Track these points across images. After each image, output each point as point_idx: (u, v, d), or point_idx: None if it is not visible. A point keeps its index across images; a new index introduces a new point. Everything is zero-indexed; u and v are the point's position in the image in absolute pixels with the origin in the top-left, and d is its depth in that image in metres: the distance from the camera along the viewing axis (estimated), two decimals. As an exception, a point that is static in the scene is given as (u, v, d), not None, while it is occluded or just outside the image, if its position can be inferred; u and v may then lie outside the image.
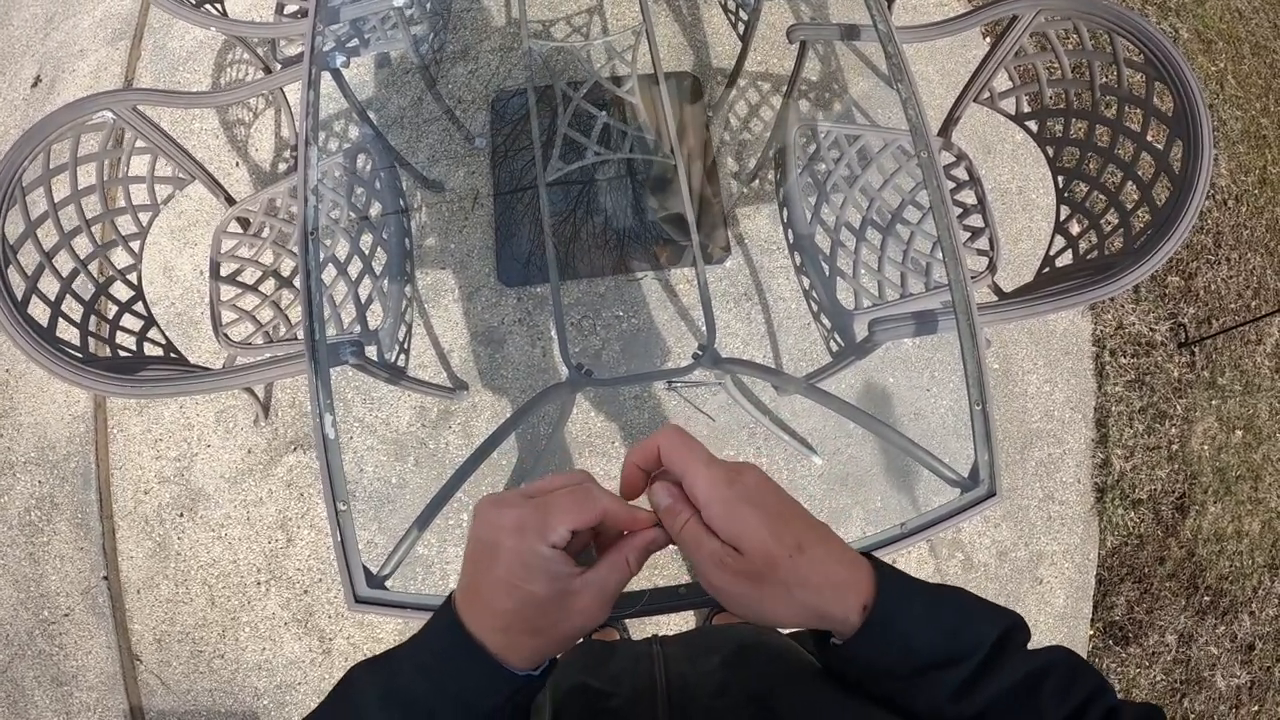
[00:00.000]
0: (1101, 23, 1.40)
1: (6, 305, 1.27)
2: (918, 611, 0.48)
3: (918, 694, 0.47)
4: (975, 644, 0.47)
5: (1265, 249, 2.33)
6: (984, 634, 0.48)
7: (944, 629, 0.48)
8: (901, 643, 0.47)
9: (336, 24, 1.52)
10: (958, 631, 0.48)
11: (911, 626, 0.47)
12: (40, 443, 2.09)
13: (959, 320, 1.14)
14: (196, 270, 2.19)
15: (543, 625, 0.47)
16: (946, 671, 0.46)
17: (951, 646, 0.47)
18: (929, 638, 0.47)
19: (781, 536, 0.47)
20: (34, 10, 2.61)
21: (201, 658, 1.93)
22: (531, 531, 0.47)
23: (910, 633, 0.47)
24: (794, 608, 0.47)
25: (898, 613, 0.47)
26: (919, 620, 0.48)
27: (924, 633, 0.47)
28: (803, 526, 0.49)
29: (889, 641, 0.47)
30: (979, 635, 0.48)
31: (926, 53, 2.37)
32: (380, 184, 1.72)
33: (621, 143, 1.61)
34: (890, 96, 2.28)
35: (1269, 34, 2.66)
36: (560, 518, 0.48)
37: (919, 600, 0.49)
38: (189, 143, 2.31)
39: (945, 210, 1.18)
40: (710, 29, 2.41)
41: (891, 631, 0.47)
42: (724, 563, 0.47)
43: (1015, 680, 0.46)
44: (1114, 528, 2.03)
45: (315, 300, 1.14)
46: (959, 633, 0.48)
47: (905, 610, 0.48)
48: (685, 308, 2.09)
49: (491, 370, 2.05)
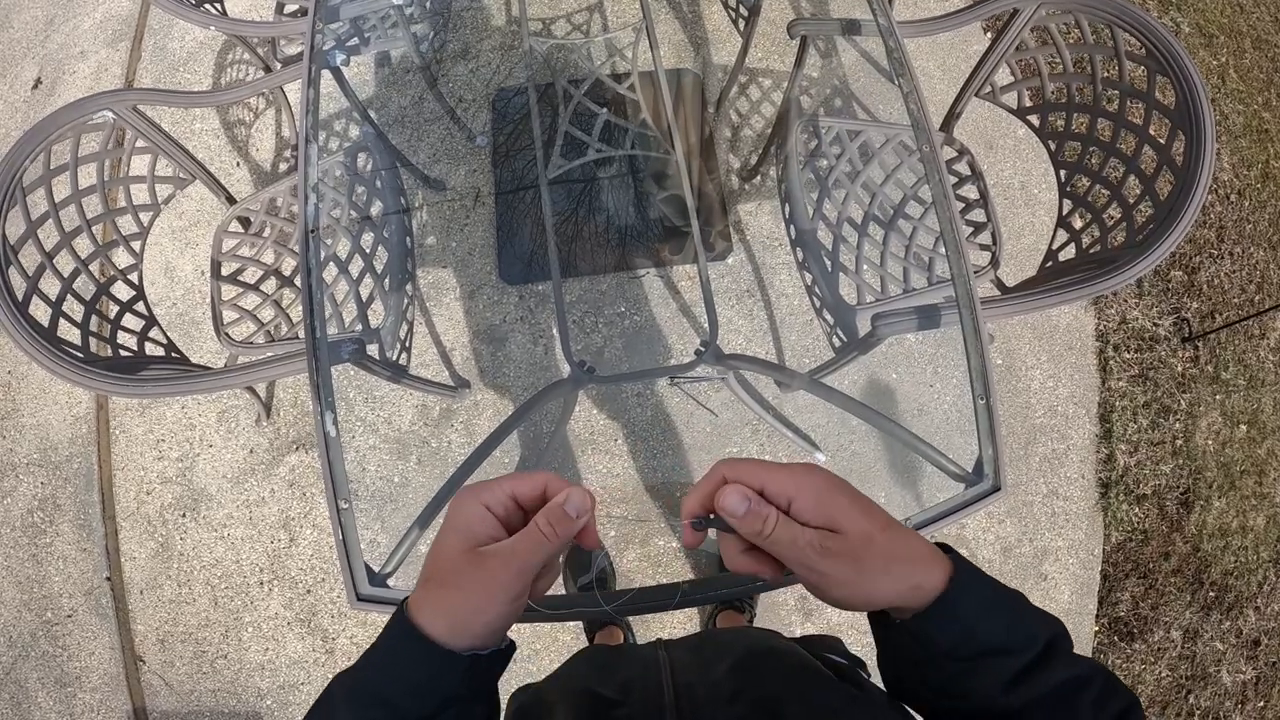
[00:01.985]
0: (1102, 16, 1.40)
1: (8, 305, 1.26)
2: (987, 596, 0.50)
3: (974, 679, 0.49)
4: (1030, 640, 0.49)
5: (1268, 243, 2.33)
6: (1037, 633, 0.50)
7: (1005, 620, 0.50)
8: (968, 624, 0.49)
9: (336, 22, 1.52)
10: (1016, 625, 0.50)
11: (980, 610, 0.50)
12: (43, 444, 2.09)
13: (962, 314, 1.13)
14: (198, 270, 2.19)
15: (453, 581, 0.50)
16: (1002, 660, 0.48)
17: (1009, 638, 0.49)
18: (992, 625, 0.49)
19: (872, 514, 0.50)
20: (34, 13, 2.61)
21: (204, 658, 1.93)
22: (469, 493, 0.51)
23: (977, 616, 0.49)
24: (892, 580, 0.49)
25: (970, 594, 0.50)
26: (986, 605, 0.50)
27: (988, 619, 0.50)
28: (880, 508, 0.52)
29: (958, 620, 0.49)
30: (1033, 632, 0.50)
31: (928, 48, 2.36)
32: (381, 183, 1.71)
33: (623, 140, 1.61)
34: (891, 91, 2.27)
35: (1270, 28, 2.65)
36: (502, 481, 0.52)
37: (988, 587, 0.51)
38: (190, 143, 2.31)
39: (948, 204, 1.17)
40: (711, 25, 2.40)
41: (962, 610, 0.49)
42: (826, 548, 0.49)
43: (1060, 681, 0.48)
44: (1118, 523, 2.03)
45: (316, 298, 1.14)
46: (1017, 626, 0.50)
47: (977, 593, 0.50)
48: (687, 304, 2.08)
49: (494, 368, 2.05)
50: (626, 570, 1.92)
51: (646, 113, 1.63)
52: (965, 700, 0.50)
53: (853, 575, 0.49)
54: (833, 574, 0.49)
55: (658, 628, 1.90)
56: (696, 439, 1.99)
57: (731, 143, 2.27)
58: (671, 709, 0.61)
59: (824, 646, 0.79)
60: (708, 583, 1.32)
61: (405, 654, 0.50)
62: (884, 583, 0.49)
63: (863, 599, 0.50)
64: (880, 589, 0.49)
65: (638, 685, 0.65)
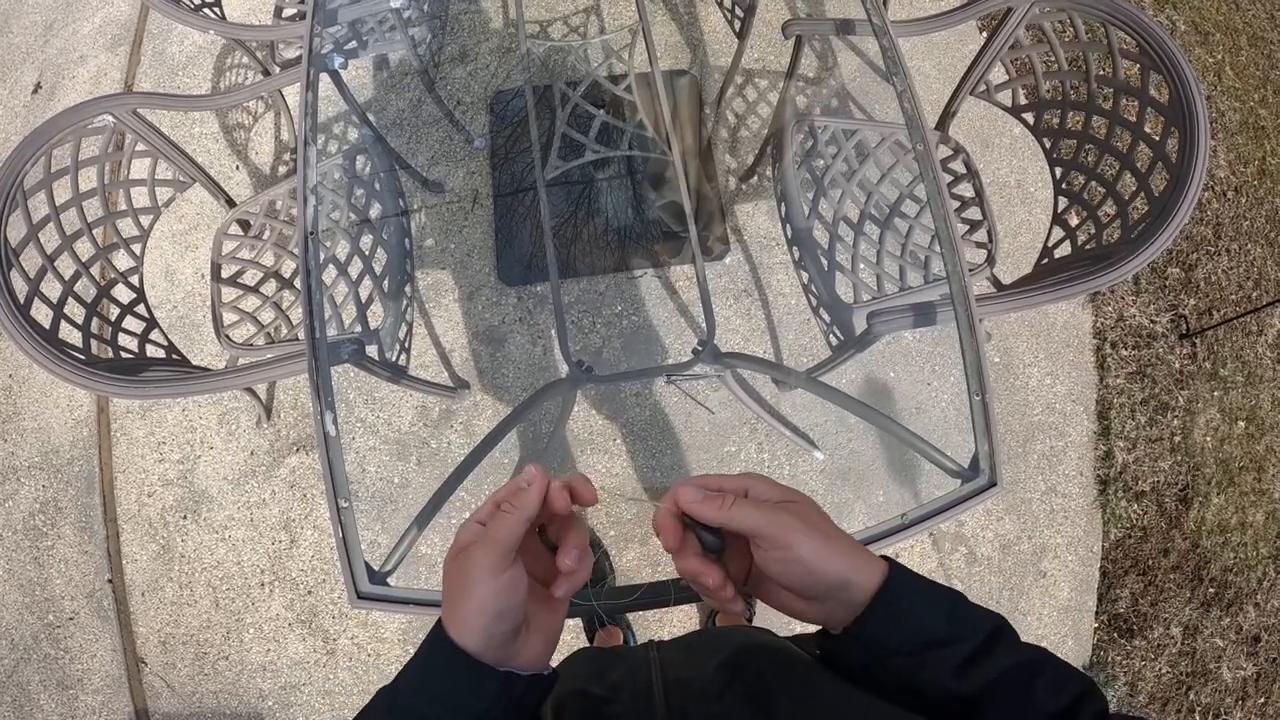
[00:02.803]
0: (1096, 14, 1.41)
1: (9, 308, 1.27)
2: (924, 590, 0.53)
3: (923, 670, 0.51)
4: (973, 629, 0.52)
5: (1265, 240, 2.33)
6: (980, 622, 0.52)
7: (945, 612, 0.52)
8: (908, 620, 0.51)
9: (334, 26, 1.52)
10: (956, 616, 0.52)
11: (918, 605, 0.52)
12: (44, 447, 2.10)
13: (957, 311, 1.14)
14: (198, 273, 2.20)
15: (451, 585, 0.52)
16: (948, 649, 0.50)
17: (952, 629, 0.51)
18: (933, 618, 0.52)
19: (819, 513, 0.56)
20: (34, 18, 2.63)
21: (206, 660, 1.93)
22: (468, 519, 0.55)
23: (916, 611, 0.52)
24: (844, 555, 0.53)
25: (907, 592, 0.52)
26: (924, 601, 0.52)
27: (928, 613, 0.52)
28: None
29: (898, 617, 0.52)
30: (976, 622, 0.52)
31: (923, 47, 2.37)
32: (380, 185, 1.72)
33: (620, 141, 1.62)
34: (887, 91, 2.28)
35: (1266, 25, 2.66)
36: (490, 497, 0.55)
37: (923, 585, 0.54)
38: (189, 146, 2.31)
39: (942, 201, 1.18)
40: (707, 26, 2.41)
41: (900, 608, 0.52)
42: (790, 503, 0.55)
43: (1010, 665, 0.50)
44: (1117, 520, 2.03)
45: (316, 300, 1.14)
46: (957, 617, 0.52)
47: (912, 591, 0.53)
48: (685, 304, 2.09)
49: (493, 369, 2.06)
50: (626, 568, 1.93)
51: (643, 114, 1.64)
52: (920, 697, 0.51)
53: (817, 539, 0.52)
54: (799, 526, 0.52)
55: (657, 627, 1.90)
56: (695, 438, 1.99)
57: (728, 143, 2.28)
58: (661, 705, 0.62)
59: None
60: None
61: (436, 665, 0.51)
62: (839, 552, 0.52)
63: (821, 564, 0.52)
64: (837, 556, 0.52)
65: (628, 683, 0.66)
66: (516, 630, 0.52)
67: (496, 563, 0.50)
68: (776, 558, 0.52)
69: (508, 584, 0.50)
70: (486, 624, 0.50)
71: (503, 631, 0.51)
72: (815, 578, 0.52)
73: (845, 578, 0.52)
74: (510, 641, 0.52)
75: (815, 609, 0.55)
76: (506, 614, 0.50)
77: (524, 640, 0.53)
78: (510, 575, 0.51)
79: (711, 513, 0.55)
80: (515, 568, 0.51)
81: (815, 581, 0.52)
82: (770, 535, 0.52)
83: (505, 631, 0.51)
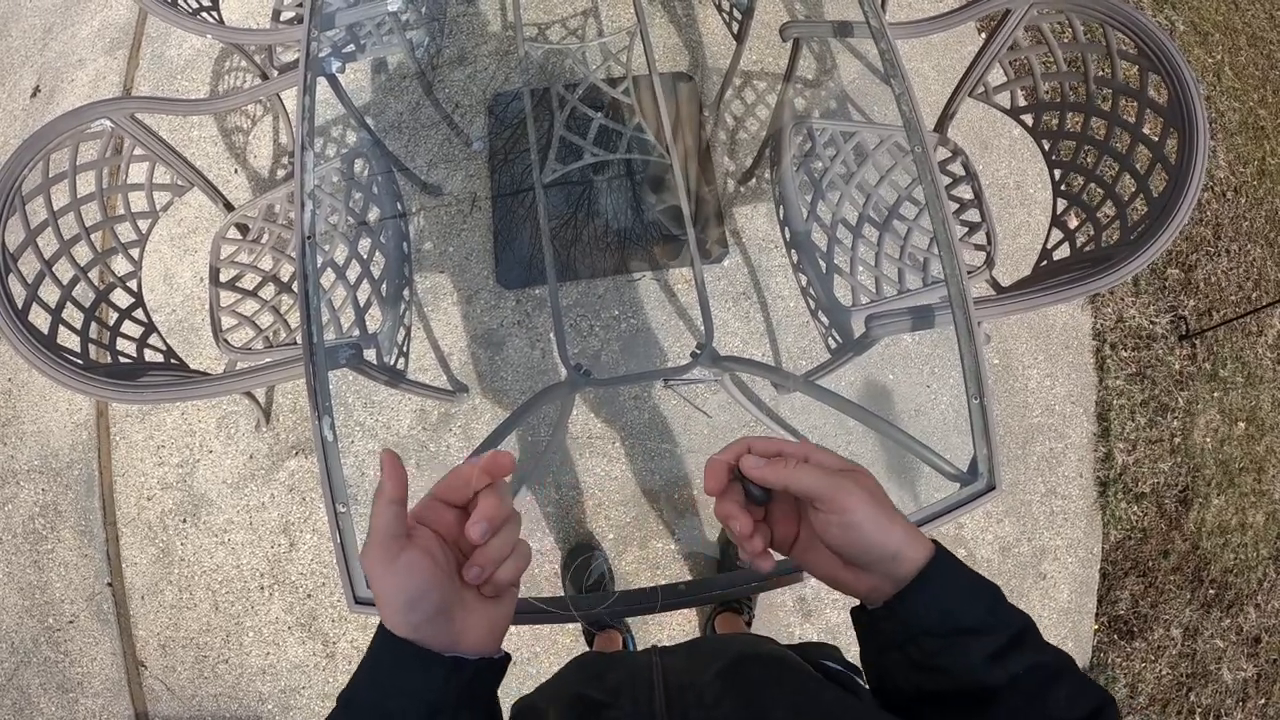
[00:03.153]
0: (1094, 15, 1.41)
1: (7, 313, 1.27)
2: (965, 579, 0.54)
3: (953, 655, 0.51)
4: (1006, 622, 0.53)
5: (1265, 240, 2.33)
6: (1012, 618, 0.53)
7: (983, 602, 0.53)
8: (948, 603, 0.53)
9: (332, 30, 1.52)
10: (993, 608, 0.53)
11: (958, 590, 0.53)
12: (43, 451, 2.10)
13: (955, 314, 1.14)
14: (196, 276, 2.20)
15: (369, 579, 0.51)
16: (981, 638, 0.51)
17: (987, 618, 0.52)
18: (971, 605, 0.53)
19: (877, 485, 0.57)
20: (32, 21, 2.63)
21: (206, 663, 1.93)
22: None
23: (956, 595, 0.53)
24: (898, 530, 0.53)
25: (950, 575, 0.54)
26: (965, 587, 0.54)
27: (967, 599, 0.53)
28: None
29: (938, 598, 0.53)
30: (1009, 616, 0.53)
31: (922, 49, 2.37)
32: (378, 188, 1.72)
33: (618, 143, 1.62)
34: (885, 92, 2.28)
35: (1265, 25, 2.65)
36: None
37: (966, 572, 0.54)
38: (188, 150, 2.32)
39: (940, 204, 1.18)
40: (705, 28, 2.41)
41: (942, 589, 0.53)
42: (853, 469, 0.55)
43: (1034, 663, 0.51)
44: (1117, 521, 2.03)
45: (313, 304, 1.14)
46: (993, 609, 0.53)
47: (956, 575, 0.54)
48: (684, 307, 2.09)
49: (491, 372, 2.06)
50: (625, 572, 1.93)
51: (641, 116, 1.64)
52: (946, 676, 0.52)
53: (875, 507, 0.53)
54: (860, 494, 0.53)
55: (657, 630, 1.90)
56: (693, 441, 1.99)
57: (727, 145, 2.27)
58: (662, 712, 0.62)
59: (820, 654, 0.80)
60: (700, 584, 1.32)
61: (384, 658, 0.51)
62: (895, 523, 0.53)
63: (877, 533, 0.53)
64: (893, 527, 0.53)
65: (628, 689, 0.66)
66: (443, 614, 0.51)
67: (380, 554, 0.50)
68: (835, 522, 0.53)
69: (403, 571, 0.50)
70: (400, 613, 0.50)
71: (422, 618, 0.50)
72: (869, 545, 0.53)
73: (897, 549, 0.53)
74: (444, 626, 0.51)
75: (860, 579, 0.56)
76: (417, 600, 0.50)
77: (462, 623, 0.52)
78: (404, 562, 0.50)
79: (774, 475, 0.55)
80: (409, 554, 0.50)
81: (868, 549, 0.53)
82: (831, 499, 0.53)
83: (426, 617, 0.50)
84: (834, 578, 0.58)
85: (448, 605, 0.51)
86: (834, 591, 1.95)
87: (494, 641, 0.55)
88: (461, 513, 0.54)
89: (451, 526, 0.54)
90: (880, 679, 0.58)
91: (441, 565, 0.52)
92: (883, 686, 0.58)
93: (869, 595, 0.56)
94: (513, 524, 0.55)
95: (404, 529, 0.51)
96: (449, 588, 0.52)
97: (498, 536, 0.53)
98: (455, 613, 0.52)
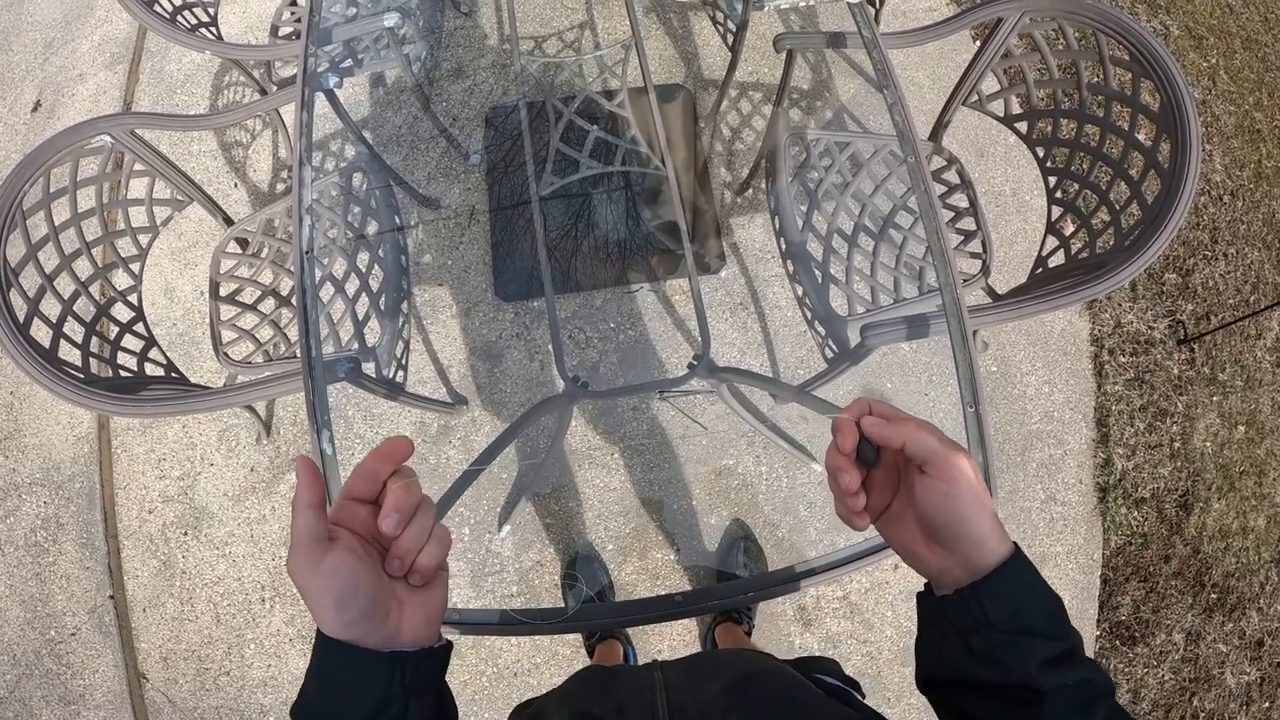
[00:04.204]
0: (1086, 22, 1.41)
1: (9, 327, 1.28)
2: (1038, 583, 0.55)
3: (1012, 651, 0.52)
4: (1065, 633, 0.54)
5: (1262, 243, 2.33)
6: (1071, 630, 0.55)
7: (1049, 609, 0.54)
8: (1018, 602, 0.54)
9: (330, 45, 1.54)
10: (1055, 616, 0.54)
11: (1029, 591, 0.55)
12: (45, 464, 2.11)
13: (950, 323, 1.14)
14: (196, 290, 2.21)
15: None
16: (1039, 642, 0.52)
17: (1049, 625, 0.53)
18: (1038, 608, 0.54)
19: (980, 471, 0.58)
20: (33, 35, 2.65)
21: (208, 675, 1.93)
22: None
23: (1027, 595, 0.54)
24: (986, 519, 0.55)
25: (1025, 575, 0.55)
26: (1035, 591, 0.55)
27: (1036, 602, 0.54)
28: None
29: (1012, 595, 0.54)
30: (1068, 628, 0.55)
31: (917, 58, 2.38)
32: (376, 202, 1.73)
33: (614, 156, 1.63)
34: (881, 101, 2.28)
35: (1260, 28, 2.66)
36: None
37: (1039, 578, 0.56)
38: (187, 164, 2.33)
39: (934, 214, 1.18)
40: (700, 40, 2.42)
41: (1015, 587, 0.54)
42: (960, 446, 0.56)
43: (1085, 677, 0.52)
44: (1117, 527, 2.03)
45: (312, 319, 1.15)
46: (1056, 618, 0.54)
47: (1030, 577, 0.55)
48: (681, 318, 2.10)
49: (490, 385, 2.06)
50: (625, 583, 1.93)
51: (637, 129, 1.64)
52: (999, 668, 0.53)
53: (977, 487, 0.55)
54: (969, 471, 0.55)
55: (657, 640, 1.90)
56: (692, 451, 1.99)
57: (723, 156, 2.28)
58: None
59: (818, 668, 0.81)
60: (700, 593, 1.33)
61: (328, 663, 0.51)
62: (988, 509, 0.55)
63: (973, 511, 0.54)
64: (986, 511, 0.55)
65: (632, 706, 0.66)
66: (376, 610, 0.51)
67: (304, 559, 0.50)
68: (940, 489, 0.55)
69: (328, 574, 0.50)
70: (332, 614, 0.50)
71: (353, 617, 0.50)
72: (961, 522, 0.54)
73: (984, 534, 0.54)
74: (379, 622, 0.51)
75: (938, 558, 0.57)
76: (346, 600, 0.50)
77: (397, 617, 0.53)
78: (328, 565, 0.50)
79: (895, 433, 0.57)
80: (333, 556, 0.50)
81: (959, 525, 0.55)
82: (944, 464, 0.55)
83: (357, 616, 0.50)
84: (912, 550, 0.59)
85: (378, 601, 0.51)
86: (833, 602, 1.95)
87: (431, 630, 0.55)
88: (375, 508, 0.54)
89: (368, 523, 0.54)
90: (933, 662, 0.59)
91: (366, 563, 0.52)
92: (933, 670, 0.59)
93: (939, 576, 0.58)
94: (425, 511, 0.55)
95: (324, 533, 0.51)
96: (377, 584, 0.52)
97: (412, 525, 0.53)
98: (389, 607, 0.52)
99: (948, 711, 0.58)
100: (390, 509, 0.52)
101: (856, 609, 1.92)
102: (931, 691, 0.59)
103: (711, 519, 1.96)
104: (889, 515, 0.61)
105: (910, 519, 0.58)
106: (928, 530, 0.57)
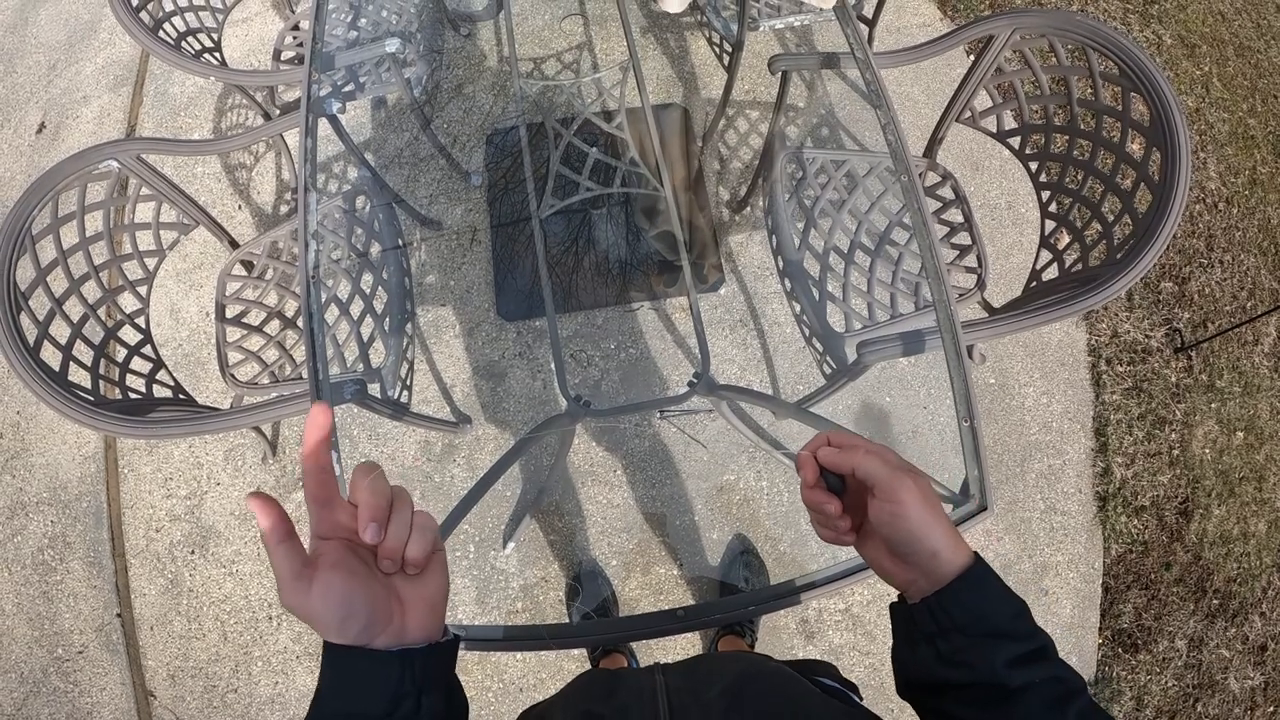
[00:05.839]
0: (1075, 38, 1.44)
1: (19, 350, 1.30)
2: (999, 588, 0.58)
3: (979, 652, 0.56)
4: (1030, 633, 0.57)
5: (1258, 249, 2.35)
6: (1036, 631, 0.58)
7: (1013, 611, 0.57)
8: (980, 605, 0.57)
9: (332, 70, 1.56)
10: (1020, 618, 0.57)
11: (991, 596, 0.58)
12: (52, 483, 2.12)
13: (944, 338, 1.16)
14: (202, 312, 2.23)
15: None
16: (1005, 644, 0.55)
17: (1015, 626, 0.57)
18: (1000, 611, 0.57)
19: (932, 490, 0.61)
20: (37, 58, 2.68)
21: (215, 693, 1.94)
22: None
23: (989, 600, 0.57)
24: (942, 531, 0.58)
25: (986, 582, 0.58)
26: (998, 595, 0.58)
27: (998, 605, 0.57)
28: None
29: (973, 600, 0.57)
30: (1034, 628, 0.58)
31: (912, 73, 2.41)
32: (379, 224, 1.75)
33: (613, 177, 1.65)
34: (875, 118, 2.31)
35: (1252, 35, 2.69)
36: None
37: (1000, 583, 0.59)
38: (192, 188, 2.36)
39: (927, 232, 1.20)
40: (697, 60, 2.45)
41: (976, 593, 0.57)
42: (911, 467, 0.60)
43: (1053, 675, 0.55)
44: (1118, 535, 2.03)
45: (318, 341, 1.17)
46: (1020, 620, 0.57)
47: (990, 582, 0.58)
48: (682, 336, 2.11)
49: (494, 403, 2.08)
50: (629, 598, 1.94)
51: (635, 149, 1.67)
52: (969, 669, 0.56)
53: (925, 506, 0.58)
54: (914, 490, 0.58)
55: (660, 654, 1.91)
56: (694, 467, 2.01)
57: (720, 175, 2.31)
58: None
59: (817, 671, 0.82)
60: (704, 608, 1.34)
61: (340, 669, 0.51)
62: (940, 524, 0.58)
63: (923, 529, 0.58)
64: (938, 527, 0.58)
65: (634, 706, 0.68)
66: (379, 615, 0.52)
67: (293, 592, 0.50)
68: (889, 510, 0.58)
69: (320, 597, 0.50)
70: (337, 630, 0.51)
71: (359, 628, 0.51)
72: (914, 539, 0.58)
73: (938, 549, 0.58)
74: (384, 623, 0.52)
75: (903, 571, 0.60)
76: (349, 617, 0.51)
77: (401, 614, 0.53)
78: (318, 589, 0.50)
79: (844, 460, 0.61)
80: (321, 579, 0.51)
81: (913, 542, 0.58)
82: (889, 488, 0.58)
83: (365, 624, 0.51)
84: (881, 565, 0.63)
85: (378, 608, 0.52)
86: (835, 614, 1.96)
87: (437, 618, 0.56)
88: (351, 508, 0.53)
89: (349, 527, 0.53)
90: (908, 669, 0.61)
91: (358, 572, 0.52)
92: (910, 676, 0.62)
93: (906, 588, 0.61)
94: (401, 504, 0.54)
95: (303, 560, 0.51)
96: (374, 589, 0.52)
97: (391, 524, 0.53)
98: (391, 606, 0.53)
99: (929, 714, 0.61)
100: (366, 519, 0.52)
101: (858, 621, 1.93)
102: (911, 695, 0.62)
103: (713, 534, 1.97)
104: (861, 534, 0.65)
105: (876, 537, 0.62)
106: (890, 546, 0.60)
